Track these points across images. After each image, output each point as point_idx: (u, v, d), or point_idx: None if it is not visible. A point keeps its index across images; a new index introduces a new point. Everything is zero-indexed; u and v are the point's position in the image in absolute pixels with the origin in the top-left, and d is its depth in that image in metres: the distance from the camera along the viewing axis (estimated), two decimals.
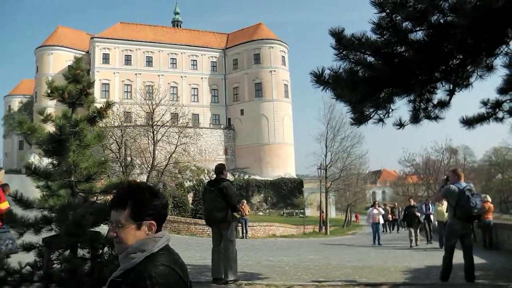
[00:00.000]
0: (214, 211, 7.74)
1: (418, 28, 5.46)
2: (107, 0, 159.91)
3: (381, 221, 20.79)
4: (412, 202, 18.69)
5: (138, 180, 8.99)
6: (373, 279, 8.50)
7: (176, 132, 38.35)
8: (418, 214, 17.65)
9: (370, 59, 5.81)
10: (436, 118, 6.78)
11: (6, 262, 4.89)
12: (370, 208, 21.18)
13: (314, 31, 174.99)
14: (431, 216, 18.27)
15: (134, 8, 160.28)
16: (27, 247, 5.00)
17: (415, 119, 6.78)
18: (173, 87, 68.13)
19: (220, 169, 8.31)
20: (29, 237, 5.16)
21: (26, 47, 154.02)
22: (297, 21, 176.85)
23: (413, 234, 16.92)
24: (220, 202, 7.77)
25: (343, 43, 5.59)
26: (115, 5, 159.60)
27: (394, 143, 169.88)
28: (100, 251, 5.14)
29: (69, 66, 5.80)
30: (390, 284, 7.63)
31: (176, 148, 36.94)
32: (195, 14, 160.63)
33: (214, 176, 8.41)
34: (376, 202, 23.67)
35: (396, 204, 31.85)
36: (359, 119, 6.59)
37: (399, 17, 5.34)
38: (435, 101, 6.78)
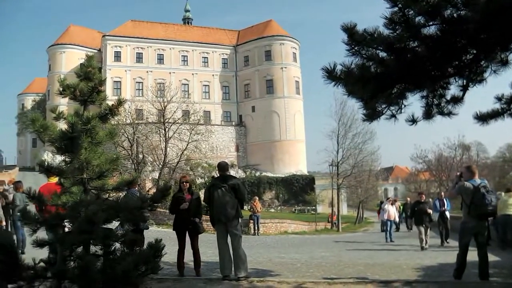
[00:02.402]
0: (228, 208, 7.75)
1: (431, 23, 5.39)
2: None
3: (396, 218, 20.56)
4: (423, 198, 15.96)
5: (150, 178, 9.03)
6: (385, 277, 8.45)
7: (187, 129, 38.49)
8: (430, 211, 15.24)
9: (382, 54, 5.76)
10: (450, 114, 6.70)
11: (21, 258, 4.93)
12: (385, 203, 20.89)
13: (325, 28, 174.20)
14: (447, 213, 16.63)
15: (145, 6, 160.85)
16: (41, 244, 5.03)
17: (428, 115, 6.71)
18: (185, 84, 68.34)
19: (226, 166, 8.35)
20: (43, 234, 5.20)
21: (38, 46, 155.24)
22: (309, 19, 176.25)
23: (423, 233, 14.83)
24: (232, 199, 7.79)
25: (355, 38, 5.54)
26: (126, 3, 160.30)
27: (406, 139, 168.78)
28: (112, 248, 5.16)
29: (81, 64, 5.83)
30: (402, 282, 7.58)
31: (187, 145, 37.07)
32: (206, 12, 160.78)
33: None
34: (390, 198, 23.52)
35: (408, 199, 30.65)
36: (371, 115, 6.53)
37: (412, 11, 5.28)
38: (448, 97, 6.69)
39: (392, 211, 20.16)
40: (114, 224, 5.25)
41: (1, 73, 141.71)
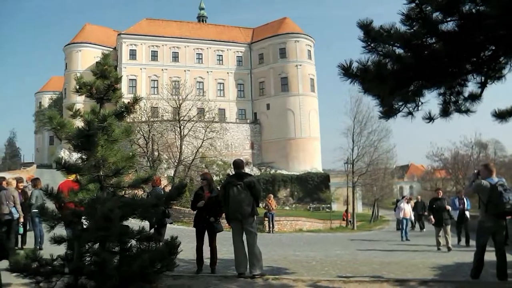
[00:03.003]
0: (244, 206, 7.75)
1: (448, 19, 5.32)
2: None
3: (412, 216, 20.35)
4: (441, 194, 14.58)
5: (165, 175, 9.09)
6: (401, 275, 8.38)
7: (202, 127, 38.61)
8: (449, 208, 14.12)
9: (399, 51, 5.70)
10: (467, 111, 6.61)
11: (39, 254, 4.99)
12: (401, 202, 20.69)
13: (340, 25, 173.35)
14: (467, 213, 15.84)
15: (159, 4, 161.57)
16: (58, 240, 5.09)
17: (445, 113, 6.62)
18: (199, 82, 68.53)
19: (241, 164, 8.35)
20: (60, 231, 5.26)
21: (55, 45, 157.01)
22: (323, 16, 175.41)
23: (441, 234, 13.77)
24: (248, 196, 7.79)
25: (372, 35, 5.49)
26: (141, 2, 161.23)
27: (422, 137, 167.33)
28: (129, 245, 5.20)
29: (97, 62, 5.87)
30: (418, 281, 7.50)
31: (202, 142, 37.20)
32: (220, 9, 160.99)
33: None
34: (406, 197, 23.34)
35: (419, 197, 29.91)
36: (388, 113, 6.46)
37: (429, 7, 5.22)
38: (466, 94, 6.60)
39: (408, 209, 19.99)
40: (130, 221, 5.27)
41: (19, 72, 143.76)
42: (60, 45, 73.35)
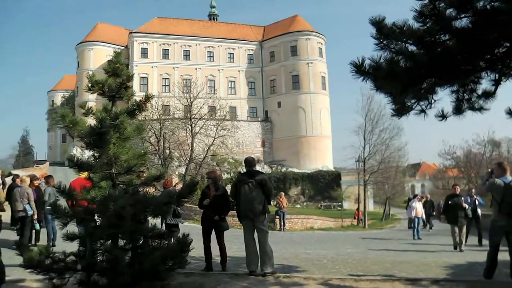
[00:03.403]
0: (256, 204, 7.75)
1: (462, 15, 5.27)
2: None
3: (423, 215, 20.20)
4: (458, 190, 13.73)
5: (176, 173, 9.12)
6: (413, 274, 8.33)
7: (213, 125, 38.71)
8: (466, 205, 13.22)
9: (412, 48, 5.65)
10: (481, 109, 6.54)
11: (52, 251, 5.03)
12: (413, 200, 20.56)
13: (351, 22, 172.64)
14: (479, 211, 15.07)
15: (170, 3, 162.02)
16: (71, 237, 5.12)
17: (458, 110, 6.56)
18: (210, 80, 68.66)
19: (252, 162, 8.33)
20: (73, 228, 5.29)
21: (67, 44, 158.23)
22: (334, 13, 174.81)
23: (457, 232, 12.92)
24: (259, 194, 7.78)
25: (384, 32, 5.45)
26: (153, 0, 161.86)
27: (434, 135, 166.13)
28: (140, 242, 5.22)
29: (108, 60, 5.89)
30: (430, 280, 7.45)
31: (214, 140, 37.28)
32: (231, 7, 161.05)
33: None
34: (418, 195, 23.18)
35: (428, 196, 29.40)
36: (400, 111, 6.42)
37: (443, 4, 5.17)
38: (480, 92, 6.54)
39: (420, 208, 19.88)
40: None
41: (32, 71, 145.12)
42: (72, 44, 73.89)
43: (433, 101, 6.30)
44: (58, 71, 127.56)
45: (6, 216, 13.08)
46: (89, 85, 5.50)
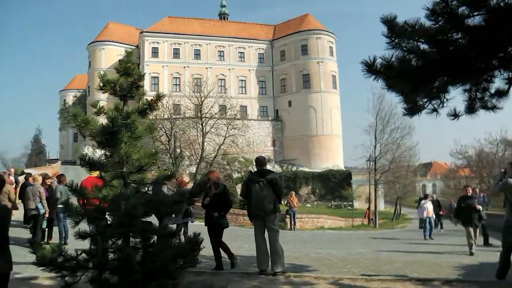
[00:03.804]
0: (267, 203, 7.75)
1: (475, 13, 5.22)
2: None
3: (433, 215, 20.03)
4: (470, 192, 13.07)
5: (187, 172, 9.13)
6: (424, 274, 8.29)
7: (224, 124, 38.75)
8: (479, 207, 12.67)
9: (423, 47, 5.61)
10: (493, 108, 6.47)
11: (64, 249, 5.07)
12: (424, 201, 20.40)
13: (362, 21, 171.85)
14: (481, 210, 13.70)
15: (181, 2, 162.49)
16: (82, 236, 5.16)
17: (470, 109, 6.50)
18: (221, 79, 68.73)
19: (263, 161, 8.34)
20: (84, 226, 5.33)
21: (78, 44, 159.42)
22: (345, 12, 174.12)
23: (472, 235, 12.41)
24: (270, 193, 7.78)
25: (396, 30, 5.42)
26: (163, 0, 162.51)
27: (445, 134, 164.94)
28: (152, 240, 5.24)
29: (120, 60, 5.93)
30: (442, 280, 7.40)
31: (224, 139, 37.31)
32: (242, 7, 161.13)
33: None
34: (429, 195, 22.99)
35: (434, 196, 28.72)
36: (412, 110, 6.38)
37: (455, 2, 5.12)
38: (493, 90, 6.47)
39: (431, 208, 19.75)
40: (153, 218, 5.31)
41: (44, 70, 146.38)
42: (84, 44, 74.43)
43: (445, 100, 6.25)
44: (70, 70, 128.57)
45: (19, 215, 13.25)
46: (101, 84, 5.53)
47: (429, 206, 19.63)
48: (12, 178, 18.31)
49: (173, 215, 9.04)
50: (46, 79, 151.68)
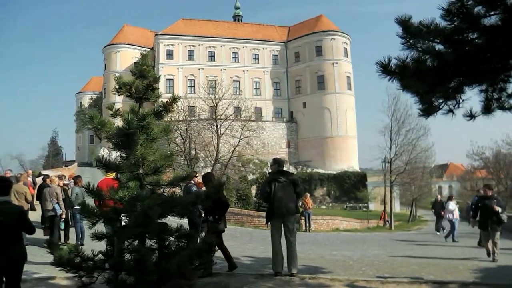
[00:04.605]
0: (289, 203, 7.78)
1: (491, 13, 5.16)
2: None
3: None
4: (490, 192, 11.98)
5: (202, 173, 9.11)
6: (440, 277, 8.20)
7: (239, 126, 38.75)
8: (498, 209, 11.34)
9: (439, 47, 5.57)
10: (510, 108, 6.39)
11: (81, 249, 5.13)
12: (450, 202, 19.90)
13: (377, 21, 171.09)
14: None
15: (195, 5, 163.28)
16: (99, 237, 5.21)
17: (487, 110, 6.42)
18: (236, 81, 68.88)
19: (283, 162, 8.35)
20: (101, 227, 5.39)
21: (94, 47, 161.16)
22: (359, 12, 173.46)
23: (490, 240, 11.51)
24: (292, 193, 7.81)
25: (411, 31, 5.39)
26: (177, 2, 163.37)
27: (461, 135, 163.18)
28: (167, 242, 5.27)
29: (135, 62, 5.97)
30: (458, 283, 7.33)
31: (239, 141, 37.34)
32: (256, 8, 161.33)
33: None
34: (452, 196, 22.67)
35: (439, 197, 27.85)
36: (428, 110, 6.33)
37: (471, 1, 5.08)
38: (509, 91, 6.39)
39: (457, 210, 19.46)
40: (169, 219, 5.35)
41: (61, 73, 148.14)
42: (100, 46, 75.12)
43: (461, 100, 6.18)
44: (86, 73, 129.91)
45: (37, 215, 13.43)
46: (117, 87, 5.57)
47: (455, 207, 19.39)
48: (30, 179, 18.55)
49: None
50: (63, 82, 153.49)
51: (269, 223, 8.12)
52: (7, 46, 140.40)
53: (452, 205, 19.43)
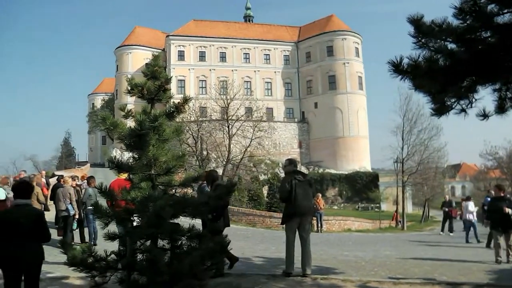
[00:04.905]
0: (310, 202, 7.87)
1: (505, 11, 5.12)
2: None
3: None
4: (501, 193, 11.37)
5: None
6: (453, 278, 8.12)
7: (250, 126, 38.78)
8: (509, 210, 10.66)
9: (451, 46, 5.54)
10: None
11: (94, 249, 5.17)
12: (468, 203, 19.58)
13: (388, 21, 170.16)
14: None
15: (206, 6, 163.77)
16: (112, 237, 5.25)
17: (500, 109, 6.36)
18: (247, 81, 68.97)
19: (296, 162, 8.41)
20: (113, 227, 5.43)
21: (106, 48, 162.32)
22: (370, 11, 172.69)
23: (499, 241, 11.01)
24: (310, 193, 7.91)
25: (423, 30, 5.36)
26: (188, 3, 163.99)
27: (475, 135, 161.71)
28: (179, 242, 5.29)
29: (147, 63, 6.02)
30: (472, 284, 7.26)
31: (251, 142, 37.37)
32: (266, 9, 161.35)
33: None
34: (470, 197, 22.41)
35: (447, 197, 27.26)
36: (440, 110, 6.28)
37: None
38: None
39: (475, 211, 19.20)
40: (181, 219, 5.37)
41: (73, 75, 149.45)
42: (110, 48, 75.72)
43: (474, 100, 6.13)
44: (98, 74, 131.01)
45: (51, 216, 13.55)
46: (129, 88, 5.61)
47: (475, 208, 19.16)
48: (44, 180, 18.75)
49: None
50: (75, 83, 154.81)
51: (284, 224, 8.10)
52: (14, 46, 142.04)
53: (472, 206, 19.11)
